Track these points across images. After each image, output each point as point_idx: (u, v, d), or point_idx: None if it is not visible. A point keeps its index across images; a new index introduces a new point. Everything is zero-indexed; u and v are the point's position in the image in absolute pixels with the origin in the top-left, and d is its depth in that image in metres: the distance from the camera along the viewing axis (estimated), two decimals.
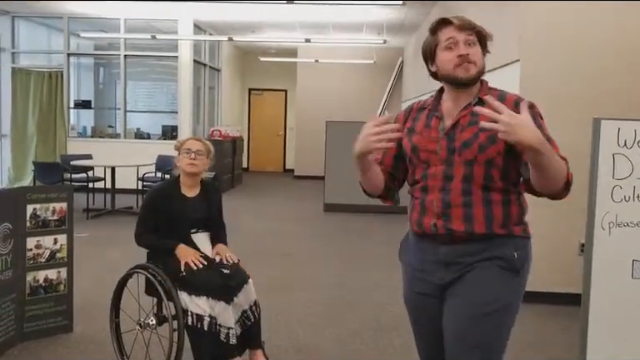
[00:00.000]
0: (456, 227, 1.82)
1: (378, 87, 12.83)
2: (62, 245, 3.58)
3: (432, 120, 1.92)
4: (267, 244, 6.46)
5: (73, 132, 10.27)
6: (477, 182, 1.82)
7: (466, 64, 1.82)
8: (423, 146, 1.89)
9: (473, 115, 1.81)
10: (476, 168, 1.81)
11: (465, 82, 1.84)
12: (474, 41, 1.84)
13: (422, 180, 1.89)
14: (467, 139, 1.82)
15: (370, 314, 4.18)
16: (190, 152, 3.08)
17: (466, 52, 1.82)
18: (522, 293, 1.89)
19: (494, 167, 1.81)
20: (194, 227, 3.13)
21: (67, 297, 3.64)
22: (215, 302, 2.88)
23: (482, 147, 1.80)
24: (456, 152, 1.83)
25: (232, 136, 11.30)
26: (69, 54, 10.13)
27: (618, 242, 2.91)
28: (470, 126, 1.83)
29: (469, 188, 1.82)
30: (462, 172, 1.82)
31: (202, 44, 11.29)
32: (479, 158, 1.80)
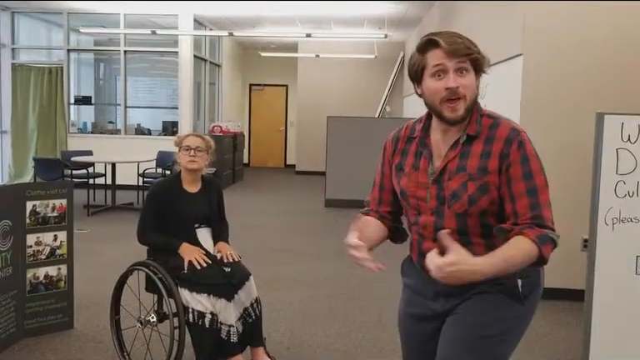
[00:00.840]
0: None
1: (379, 82, 12.79)
2: (62, 242, 3.57)
3: (420, 160, 1.72)
4: (268, 240, 6.44)
5: (74, 128, 10.25)
6: (473, 232, 1.66)
7: (453, 104, 1.59)
8: (412, 192, 1.73)
9: (462, 157, 1.64)
10: (469, 221, 1.64)
11: (452, 123, 1.63)
12: (467, 68, 1.59)
13: (416, 225, 1.76)
14: (455, 189, 1.63)
15: (371, 310, 4.17)
16: (190, 149, 3.06)
17: (455, 85, 1.57)
18: (527, 323, 1.73)
19: (490, 216, 1.64)
20: (196, 222, 3.12)
21: (68, 294, 3.63)
22: (216, 300, 2.87)
23: (472, 199, 1.61)
24: (445, 203, 1.66)
25: (233, 131, 11.28)
26: (69, 50, 10.10)
27: (622, 238, 2.89)
28: (458, 172, 1.64)
29: (467, 239, 1.64)
30: (454, 224, 1.65)
31: (203, 39, 11.25)
32: (471, 211, 1.63)
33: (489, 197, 1.61)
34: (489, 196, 1.61)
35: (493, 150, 1.61)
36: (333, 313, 4.10)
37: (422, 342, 1.84)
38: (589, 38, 4.29)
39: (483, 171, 1.61)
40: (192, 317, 2.86)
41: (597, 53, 4.29)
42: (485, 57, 1.63)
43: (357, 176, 8.61)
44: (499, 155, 1.60)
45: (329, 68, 12.79)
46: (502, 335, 1.68)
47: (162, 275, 2.92)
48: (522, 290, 1.67)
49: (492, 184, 1.61)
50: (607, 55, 4.28)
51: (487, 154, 1.62)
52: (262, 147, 14.85)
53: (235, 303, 2.96)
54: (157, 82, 11.26)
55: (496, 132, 1.63)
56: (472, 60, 1.60)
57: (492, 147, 1.62)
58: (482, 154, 1.62)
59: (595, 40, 4.29)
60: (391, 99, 12.80)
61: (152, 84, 11.21)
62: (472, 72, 1.61)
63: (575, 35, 4.32)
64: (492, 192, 1.61)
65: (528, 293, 1.69)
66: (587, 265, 2.92)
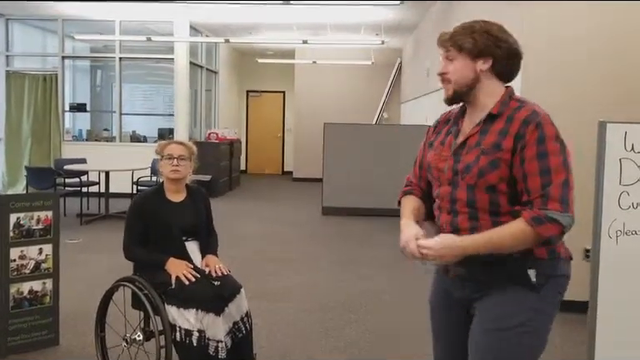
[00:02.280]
0: None
1: (377, 89, 12.72)
2: (47, 255, 3.46)
3: (448, 136, 1.86)
4: (264, 248, 6.33)
5: (68, 136, 10.15)
6: (481, 207, 1.72)
7: (445, 86, 1.79)
8: (434, 163, 1.84)
9: (482, 134, 1.74)
10: (478, 194, 1.72)
11: (447, 103, 1.83)
12: (454, 55, 1.77)
13: (437, 198, 1.85)
14: (469, 162, 1.73)
15: (367, 323, 4.05)
16: (172, 158, 2.96)
17: (441, 71, 1.80)
18: (548, 314, 1.76)
19: (499, 193, 1.70)
20: (184, 234, 3.01)
21: (53, 310, 3.51)
22: (204, 315, 2.76)
23: (481, 172, 1.70)
24: (459, 175, 1.75)
25: (230, 138, 11.18)
26: (64, 57, 10.01)
27: (626, 251, 2.78)
28: (476, 147, 1.74)
29: (475, 213, 1.73)
30: (465, 196, 1.74)
31: (199, 46, 11.18)
32: (479, 184, 1.71)
33: (498, 173, 1.67)
34: (499, 172, 1.67)
35: (510, 130, 1.68)
36: (328, 326, 3.98)
37: (447, 331, 1.92)
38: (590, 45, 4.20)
39: (496, 147, 1.69)
40: (179, 336, 2.75)
41: (598, 60, 4.20)
42: (464, 40, 1.75)
43: (355, 183, 8.54)
44: (515, 135, 1.67)
45: (326, 75, 12.72)
46: (522, 326, 1.70)
47: (148, 291, 2.81)
48: (536, 279, 1.70)
49: (502, 161, 1.67)
50: (610, 61, 4.19)
51: (504, 132, 1.69)
52: (259, 154, 14.76)
53: (224, 317, 2.84)
54: (154, 89, 11.18)
55: (516, 113, 1.71)
56: (455, 46, 1.76)
57: (510, 127, 1.69)
58: (500, 132, 1.70)
59: (596, 47, 4.19)
60: (388, 105, 12.72)
61: (148, 91, 11.13)
62: (462, 57, 1.75)
63: (575, 41, 4.23)
64: (502, 168, 1.67)
65: (544, 282, 1.71)
66: (590, 279, 2.81)
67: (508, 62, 1.77)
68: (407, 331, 3.93)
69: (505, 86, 1.80)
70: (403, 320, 4.13)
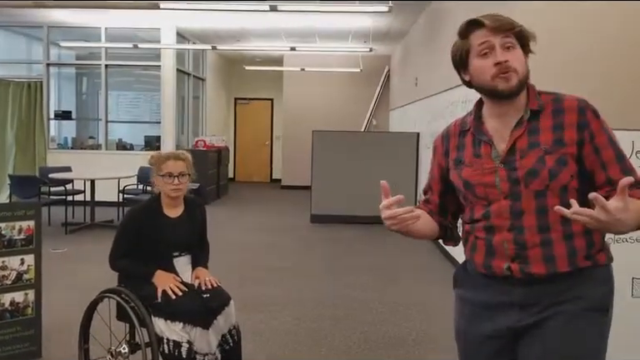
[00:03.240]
0: (536, 269, 1.55)
1: (365, 96, 12.72)
2: (29, 266, 3.37)
3: (480, 147, 1.63)
4: (252, 257, 6.26)
5: (53, 144, 10.04)
6: (552, 214, 1.51)
7: (505, 74, 1.53)
8: (477, 180, 1.62)
9: (531, 134, 1.56)
10: (549, 199, 1.53)
11: (507, 95, 1.56)
12: (513, 43, 1.56)
13: (485, 219, 1.62)
14: (532, 166, 1.54)
15: (357, 333, 4.00)
16: (172, 177, 2.84)
17: (504, 59, 1.53)
18: (609, 329, 1.62)
19: (570, 193, 1.53)
20: (177, 250, 2.93)
21: (36, 321, 3.42)
22: (192, 328, 2.70)
23: (553, 173, 1.53)
24: (521, 183, 1.55)
25: (217, 146, 11.11)
26: (49, 64, 9.90)
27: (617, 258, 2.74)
28: (532, 149, 1.55)
29: (546, 224, 1.54)
30: (533, 205, 1.54)
31: (186, 53, 11.12)
32: (552, 186, 1.53)
33: (569, 170, 1.54)
34: (569, 168, 1.54)
35: (566, 121, 1.56)
36: (318, 337, 3.92)
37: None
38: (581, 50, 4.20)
39: (559, 143, 1.54)
40: (167, 348, 2.68)
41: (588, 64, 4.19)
42: (530, 32, 1.59)
43: (344, 191, 8.50)
44: (576, 125, 1.55)
45: (315, 82, 12.70)
46: (594, 357, 1.58)
47: (134, 303, 2.74)
48: (602, 300, 1.57)
49: (569, 156, 1.54)
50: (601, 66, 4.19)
51: (560, 126, 1.56)
52: (247, 162, 14.69)
53: (213, 330, 2.78)
54: (140, 97, 11.09)
55: (563, 104, 1.58)
56: (517, 35, 1.56)
57: (564, 119, 1.56)
58: (554, 127, 1.56)
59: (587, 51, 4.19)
60: (377, 113, 12.72)
61: (134, 98, 11.04)
62: (519, 47, 1.57)
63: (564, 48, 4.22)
64: (571, 164, 1.54)
65: (609, 302, 1.59)
66: None
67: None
68: (398, 339, 3.88)
69: None
70: (394, 328, 4.08)
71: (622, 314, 2.77)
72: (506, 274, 1.58)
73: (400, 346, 3.79)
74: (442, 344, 3.82)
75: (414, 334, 4.00)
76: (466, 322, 1.73)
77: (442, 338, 3.92)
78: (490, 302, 1.64)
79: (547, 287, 1.56)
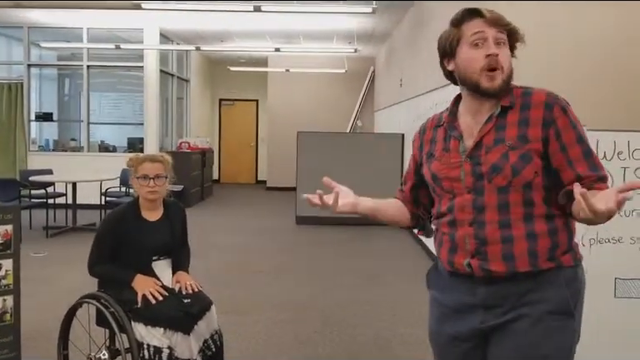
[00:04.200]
0: (494, 267, 1.54)
1: (350, 97, 12.72)
2: (7, 271, 3.29)
3: (450, 141, 1.64)
4: (236, 260, 6.22)
5: (34, 146, 9.90)
6: (515, 211, 1.53)
7: (491, 73, 1.53)
8: (444, 173, 1.63)
9: (498, 130, 1.56)
10: (512, 195, 1.53)
11: (489, 94, 1.56)
12: (505, 40, 1.56)
13: (449, 213, 1.62)
14: (496, 161, 1.54)
15: (342, 336, 3.98)
16: (148, 179, 2.81)
17: (496, 52, 1.53)
18: (579, 332, 1.60)
19: (534, 190, 1.53)
20: (156, 254, 2.89)
21: (14, 328, 3.33)
22: (172, 334, 2.65)
23: (515, 169, 1.51)
24: (485, 178, 1.55)
25: (202, 147, 11.04)
26: (29, 65, 9.77)
27: (600, 259, 2.77)
28: (497, 145, 1.55)
29: (507, 220, 1.53)
30: (495, 200, 1.54)
31: (170, 54, 11.03)
32: (515, 183, 1.52)
33: (533, 167, 1.52)
34: (532, 165, 1.52)
35: (532, 117, 1.54)
36: (302, 340, 3.89)
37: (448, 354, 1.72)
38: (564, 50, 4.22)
39: (523, 139, 1.53)
40: (147, 354, 2.63)
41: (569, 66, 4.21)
42: (521, 34, 1.59)
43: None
44: (542, 122, 1.53)
45: (300, 83, 12.68)
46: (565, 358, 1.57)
47: (113, 309, 2.69)
48: (569, 302, 1.55)
49: (534, 152, 1.52)
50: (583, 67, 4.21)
51: (526, 121, 1.54)
52: (232, 163, 14.62)
53: (194, 335, 2.73)
54: (123, 98, 10.98)
55: (531, 99, 1.56)
56: (510, 32, 1.57)
57: (530, 114, 1.54)
58: (519, 122, 1.55)
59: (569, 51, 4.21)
60: (362, 114, 12.72)
61: (117, 100, 10.93)
62: (507, 45, 1.57)
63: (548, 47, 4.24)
64: (535, 160, 1.52)
65: (575, 304, 1.56)
66: None
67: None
68: (385, 340, 3.87)
69: None
70: (380, 330, 4.07)
71: (606, 314, 2.79)
72: (467, 271, 1.58)
73: (386, 347, 3.77)
74: (427, 347, 3.80)
75: (399, 335, 3.99)
76: (435, 323, 1.77)
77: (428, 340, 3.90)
78: (456, 303, 1.64)
79: (509, 288, 1.55)
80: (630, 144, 2.88)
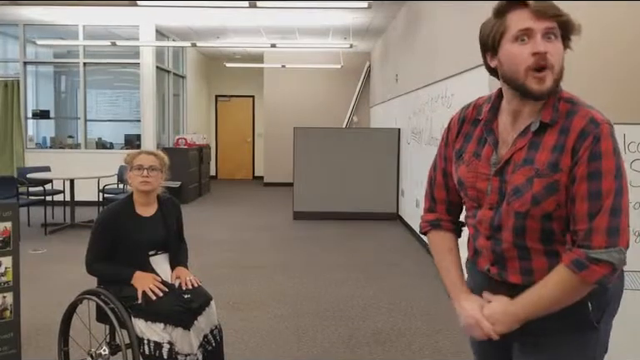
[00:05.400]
0: (512, 279, 1.48)
1: (346, 92, 12.73)
2: (6, 268, 3.31)
3: (483, 147, 1.51)
4: (235, 255, 6.24)
5: (31, 144, 9.90)
6: (531, 237, 1.43)
7: (541, 74, 1.35)
8: (471, 182, 1.52)
9: (530, 149, 1.40)
10: (529, 223, 1.42)
11: (536, 98, 1.38)
12: (556, 33, 1.35)
13: (473, 219, 1.56)
14: (518, 185, 1.41)
15: (341, 330, 4.01)
16: (142, 169, 2.84)
17: (544, 50, 1.33)
18: (605, 343, 1.51)
19: (555, 221, 1.40)
20: (152, 249, 2.91)
21: (14, 324, 3.35)
22: (173, 329, 2.67)
23: (536, 199, 1.38)
24: (506, 199, 1.44)
25: (199, 144, 11.05)
26: (26, 62, 9.75)
27: None
28: (524, 165, 1.40)
29: (523, 243, 1.44)
30: (512, 224, 1.44)
31: (166, 50, 11.02)
32: (533, 213, 1.40)
33: (556, 199, 1.37)
34: (556, 197, 1.37)
35: (567, 144, 1.36)
36: (300, 334, 3.92)
37: (487, 352, 1.66)
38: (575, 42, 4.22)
39: (553, 168, 1.37)
40: (147, 349, 2.65)
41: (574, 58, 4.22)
42: (577, 24, 1.38)
43: (326, 187, 8.51)
44: (572, 150, 1.35)
45: (296, 79, 12.68)
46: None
47: (113, 304, 2.71)
48: (592, 314, 1.44)
49: (561, 184, 1.36)
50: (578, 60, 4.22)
51: (561, 148, 1.37)
52: (229, 159, 14.63)
53: (194, 330, 2.76)
54: (119, 95, 10.97)
55: (572, 122, 1.37)
56: (562, 24, 1.36)
57: (567, 140, 1.36)
58: (554, 147, 1.38)
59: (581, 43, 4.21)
60: (358, 109, 12.74)
61: (113, 96, 10.91)
62: (559, 40, 1.37)
63: None
64: (561, 193, 1.36)
65: (600, 315, 1.46)
66: None
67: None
68: (382, 334, 3.90)
69: None
70: (377, 324, 4.10)
71: None
72: (487, 274, 1.55)
73: (383, 341, 3.80)
74: (425, 339, 3.84)
75: (397, 329, 4.02)
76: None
77: (426, 333, 3.94)
78: (481, 290, 1.57)
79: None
80: (626, 137, 2.90)
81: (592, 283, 1.35)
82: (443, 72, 5.70)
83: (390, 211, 8.47)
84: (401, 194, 8.37)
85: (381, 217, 8.36)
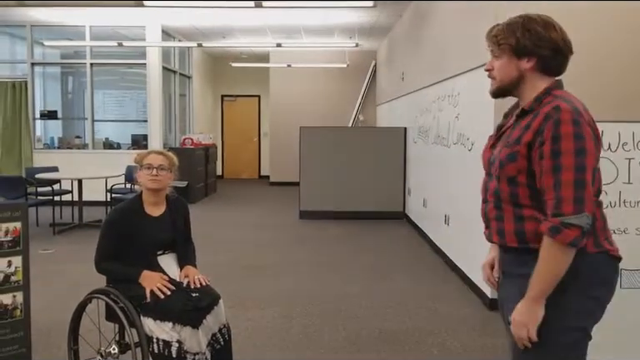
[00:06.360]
0: (494, 239, 1.83)
1: (352, 91, 12.73)
2: (16, 267, 3.33)
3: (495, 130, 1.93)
4: (241, 255, 6.26)
5: (39, 144, 9.96)
6: (503, 198, 1.77)
7: (491, 79, 1.82)
8: (484, 154, 1.92)
9: (513, 128, 1.78)
10: (501, 185, 1.76)
11: (491, 96, 1.87)
12: (496, 52, 1.80)
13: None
14: (495, 154, 1.81)
15: (347, 329, 4.02)
16: (151, 168, 2.87)
17: (487, 67, 1.83)
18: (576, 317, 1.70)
19: (519, 186, 1.72)
20: (160, 248, 2.93)
21: (24, 323, 3.38)
22: (182, 328, 2.69)
23: (501, 164, 1.75)
24: (491, 165, 1.84)
25: (205, 144, 11.09)
26: (33, 63, 9.81)
27: None
28: (503, 140, 1.81)
29: (499, 203, 1.78)
30: (493, 186, 1.81)
31: (172, 51, 11.06)
32: (501, 175, 1.75)
33: (516, 166, 1.70)
34: (516, 165, 1.70)
35: (533, 124, 1.68)
36: (307, 334, 3.93)
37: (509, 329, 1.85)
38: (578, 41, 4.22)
39: (517, 141, 1.71)
40: (157, 348, 2.67)
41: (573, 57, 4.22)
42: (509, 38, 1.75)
43: (332, 187, 8.51)
44: (535, 130, 1.67)
45: (301, 78, 12.69)
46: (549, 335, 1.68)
47: (122, 303, 2.73)
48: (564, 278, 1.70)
49: (519, 155, 1.69)
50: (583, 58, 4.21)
51: (528, 127, 1.70)
52: (235, 159, 14.66)
53: (203, 329, 2.78)
54: (126, 95, 11.01)
55: (542, 109, 1.69)
56: (497, 44, 1.77)
57: (533, 122, 1.69)
58: (524, 127, 1.71)
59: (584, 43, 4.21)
60: (364, 108, 12.74)
61: (120, 97, 10.96)
62: (506, 55, 1.76)
63: None
64: (519, 161, 1.69)
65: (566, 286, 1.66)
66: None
67: (554, 58, 1.74)
68: (390, 334, 3.90)
69: (555, 79, 1.78)
70: (385, 323, 4.10)
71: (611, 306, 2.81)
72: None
73: (391, 341, 3.81)
74: (432, 338, 3.85)
75: (404, 328, 4.02)
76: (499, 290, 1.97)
77: (433, 332, 3.94)
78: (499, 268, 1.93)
79: (514, 257, 1.78)
80: (635, 135, 2.90)
81: (567, 245, 1.59)
82: (450, 70, 5.69)
83: (397, 210, 8.46)
84: (407, 193, 8.36)
85: (387, 217, 8.36)
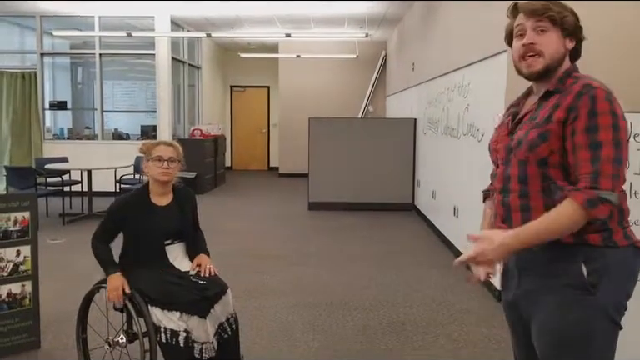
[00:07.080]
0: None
1: (362, 82, 12.67)
2: (25, 257, 3.36)
3: (508, 118, 1.82)
4: (250, 245, 6.26)
5: (49, 134, 10.00)
6: (532, 183, 1.65)
7: (529, 59, 1.68)
8: (494, 146, 1.82)
9: (537, 110, 1.69)
10: (529, 169, 1.65)
11: (527, 78, 1.73)
12: (546, 27, 1.66)
13: (492, 180, 1.83)
14: (520, 136, 1.68)
15: (355, 319, 4.01)
16: (162, 161, 2.85)
17: (529, 42, 1.67)
18: (609, 313, 1.59)
19: (552, 167, 1.62)
20: (168, 238, 2.93)
21: (33, 312, 3.42)
22: (189, 317, 2.69)
23: (531, 145, 1.63)
24: (512, 151, 1.70)
25: (214, 134, 11.08)
26: (42, 54, 9.83)
27: None
28: (529, 121, 1.69)
29: (526, 190, 1.66)
30: (516, 172, 1.68)
31: (181, 41, 11.04)
32: (530, 158, 1.64)
33: (549, 146, 1.60)
34: (549, 144, 1.60)
35: (563, 102, 1.61)
36: (316, 323, 3.93)
37: (516, 330, 1.83)
38: None
39: (547, 120, 1.62)
40: (164, 337, 2.67)
41: None
42: (568, 17, 1.67)
43: (341, 178, 8.49)
44: (567, 107, 1.59)
45: (311, 69, 12.64)
46: (584, 336, 1.59)
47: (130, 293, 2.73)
48: (588, 279, 1.57)
49: (552, 133, 1.60)
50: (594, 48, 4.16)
51: (557, 106, 1.62)
52: (244, 150, 14.66)
53: (210, 319, 2.77)
54: (135, 86, 11.02)
55: (572, 87, 1.62)
56: (551, 19, 1.65)
57: (563, 100, 1.61)
58: (553, 106, 1.63)
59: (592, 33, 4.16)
60: (374, 99, 12.68)
61: (129, 87, 10.97)
62: (555, 31, 1.67)
63: None
64: (553, 141, 1.60)
65: (597, 281, 1.57)
66: None
67: (580, 45, 1.74)
68: (397, 325, 3.89)
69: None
70: (392, 314, 4.09)
71: None
72: None
73: (399, 331, 3.80)
74: (440, 329, 3.83)
75: (412, 319, 4.01)
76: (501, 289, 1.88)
77: (441, 323, 3.93)
78: (505, 265, 1.80)
79: (533, 255, 1.64)
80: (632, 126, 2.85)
81: (597, 218, 1.52)
82: (460, 60, 5.64)
83: (406, 201, 8.43)
84: (417, 185, 8.32)
85: (396, 208, 8.33)
